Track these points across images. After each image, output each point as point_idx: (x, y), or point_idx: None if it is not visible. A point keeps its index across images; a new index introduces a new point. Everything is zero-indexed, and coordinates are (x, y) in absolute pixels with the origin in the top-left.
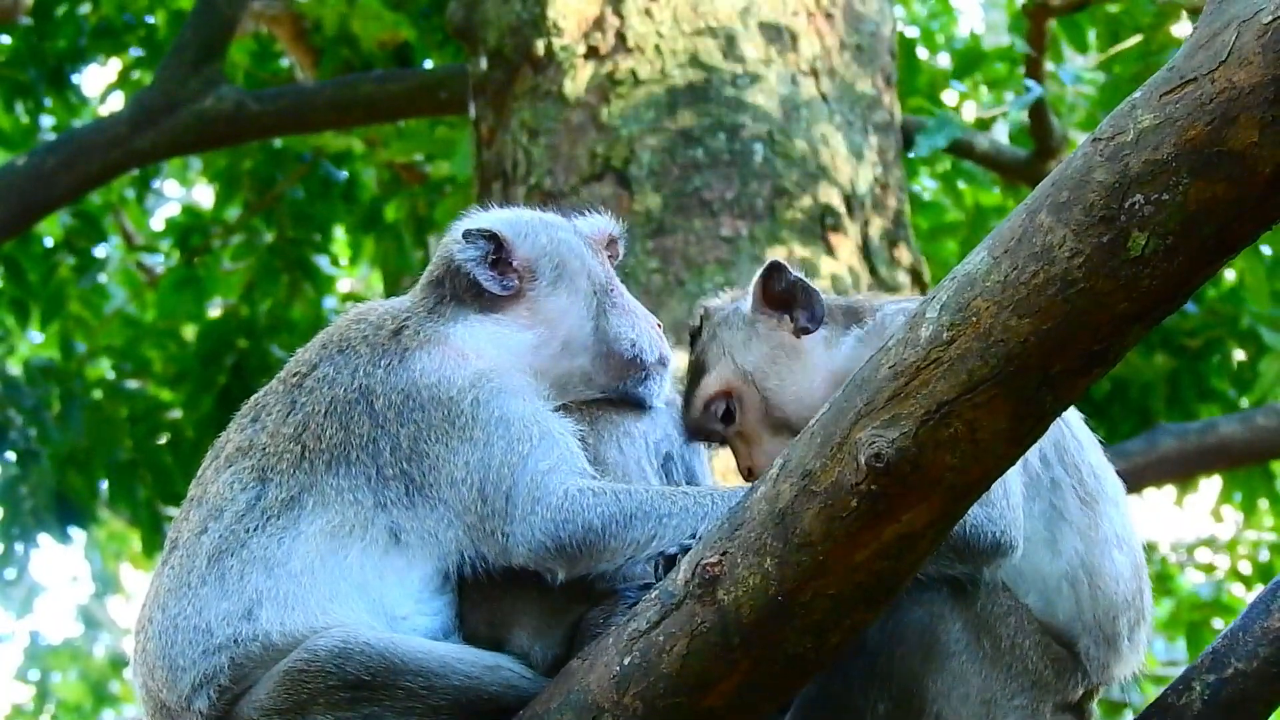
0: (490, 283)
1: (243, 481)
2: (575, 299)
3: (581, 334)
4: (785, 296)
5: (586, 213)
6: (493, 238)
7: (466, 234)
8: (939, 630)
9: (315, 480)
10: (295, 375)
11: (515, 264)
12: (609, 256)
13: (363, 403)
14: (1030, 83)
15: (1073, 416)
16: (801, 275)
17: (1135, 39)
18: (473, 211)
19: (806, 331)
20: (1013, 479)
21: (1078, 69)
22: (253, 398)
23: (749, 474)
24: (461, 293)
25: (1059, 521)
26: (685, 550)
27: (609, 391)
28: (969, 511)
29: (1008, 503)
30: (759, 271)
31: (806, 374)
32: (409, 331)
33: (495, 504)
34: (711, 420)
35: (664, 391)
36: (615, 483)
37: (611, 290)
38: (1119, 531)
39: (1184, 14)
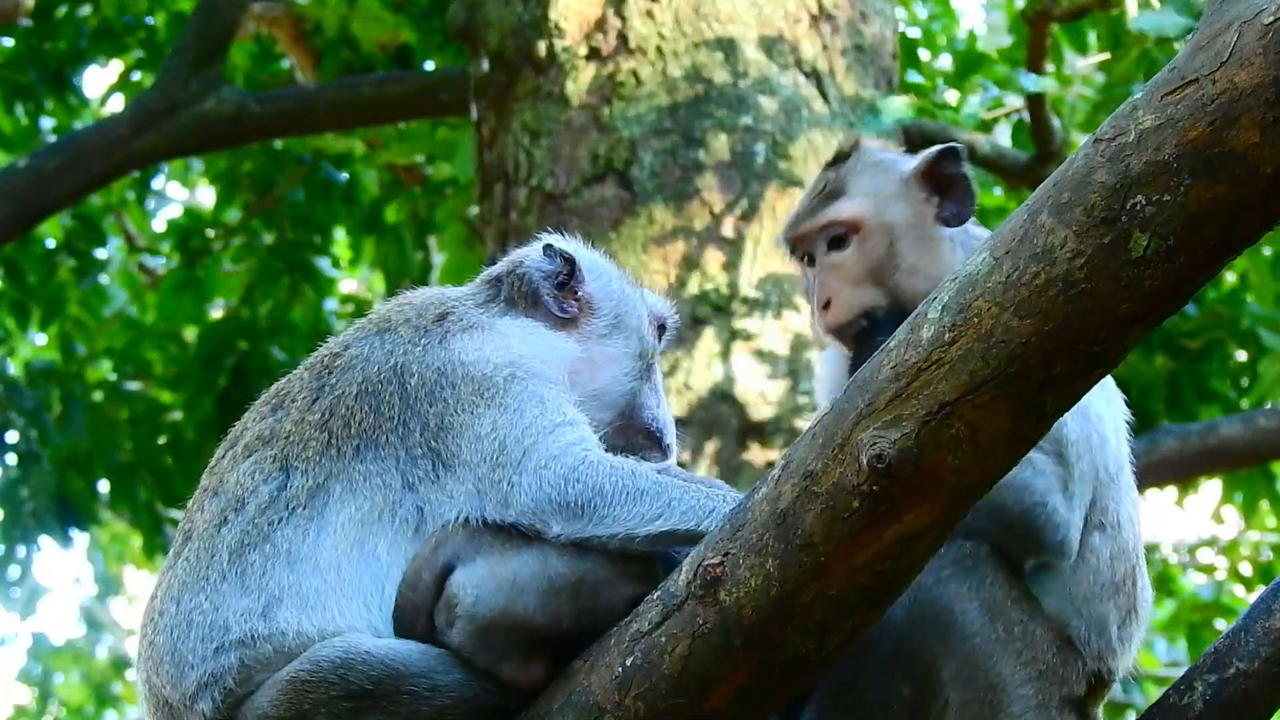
0: (550, 300)
1: (265, 471)
2: (624, 355)
3: (617, 390)
4: (946, 181)
5: (653, 290)
6: (570, 261)
7: (548, 248)
8: (957, 611)
9: (343, 467)
10: (325, 358)
11: (580, 294)
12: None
13: (395, 381)
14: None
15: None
16: (969, 173)
17: (1134, 54)
18: (550, 232)
19: (948, 224)
20: (1087, 486)
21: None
22: (274, 386)
23: (825, 306)
24: (517, 297)
25: None
26: (688, 540)
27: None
28: (1051, 502)
29: (1079, 511)
30: (936, 148)
31: (929, 258)
32: (454, 316)
33: (512, 454)
34: (818, 240)
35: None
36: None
37: (653, 366)
38: (1109, 517)
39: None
